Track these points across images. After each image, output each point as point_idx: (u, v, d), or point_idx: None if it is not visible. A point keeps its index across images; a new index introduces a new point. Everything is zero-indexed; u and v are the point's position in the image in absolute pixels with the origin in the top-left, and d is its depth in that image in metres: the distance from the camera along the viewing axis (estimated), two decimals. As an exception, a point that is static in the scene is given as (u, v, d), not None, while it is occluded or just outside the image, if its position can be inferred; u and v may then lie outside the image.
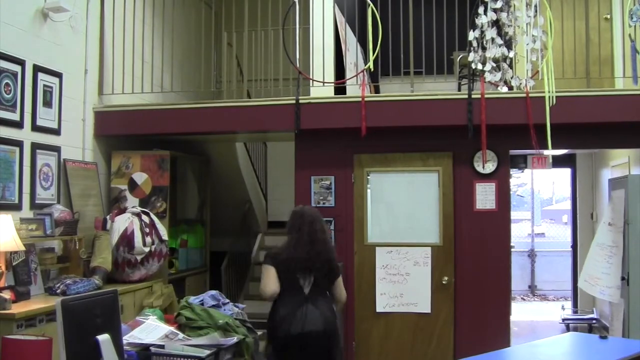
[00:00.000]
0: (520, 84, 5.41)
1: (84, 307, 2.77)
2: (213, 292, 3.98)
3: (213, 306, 3.79)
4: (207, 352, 3.20)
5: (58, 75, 5.54)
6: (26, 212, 5.07)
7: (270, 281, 4.22)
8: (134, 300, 5.38)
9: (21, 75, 5.07)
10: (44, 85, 5.36)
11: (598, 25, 5.95)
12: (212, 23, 6.78)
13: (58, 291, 4.83)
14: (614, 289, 5.69)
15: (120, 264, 5.49)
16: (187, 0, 7.06)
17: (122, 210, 5.79)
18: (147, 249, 5.57)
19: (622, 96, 5.48)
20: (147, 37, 6.44)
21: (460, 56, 6.57)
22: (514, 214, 7.65)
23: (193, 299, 3.84)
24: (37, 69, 5.25)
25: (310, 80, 6.10)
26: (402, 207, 6.17)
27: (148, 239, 5.60)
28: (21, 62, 5.07)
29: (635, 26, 5.31)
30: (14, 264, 4.67)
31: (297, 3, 5.95)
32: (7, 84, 4.91)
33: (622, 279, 5.55)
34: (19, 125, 5.05)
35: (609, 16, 6.92)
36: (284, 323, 4.12)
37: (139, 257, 5.53)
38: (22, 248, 4.61)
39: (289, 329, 4.10)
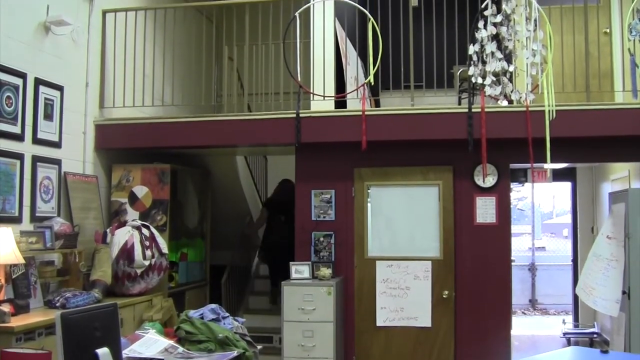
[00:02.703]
0: (520, 97, 5.42)
1: (84, 320, 2.76)
2: (213, 305, 3.98)
3: (213, 320, 3.79)
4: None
5: (59, 88, 5.56)
6: (26, 225, 5.06)
7: (262, 216, 7.91)
8: (133, 313, 5.36)
9: (22, 88, 5.08)
10: (45, 98, 5.38)
11: (597, 39, 5.97)
12: (213, 37, 6.82)
13: (57, 304, 4.82)
14: (612, 302, 5.66)
15: (120, 277, 5.48)
16: (188, 14, 7.10)
17: (122, 224, 5.78)
18: (147, 263, 5.56)
19: (621, 110, 5.49)
20: (148, 50, 6.47)
21: (461, 70, 6.59)
22: (514, 228, 7.64)
23: (193, 313, 3.83)
24: (38, 82, 5.27)
25: (311, 94, 6.12)
26: (402, 221, 6.17)
27: (148, 252, 5.59)
28: (22, 75, 5.09)
29: (634, 40, 5.34)
30: (13, 277, 4.65)
31: (297, 17, 5.98)
32: (8, 97, 4.93)
33: (623, 292, 5.54)
34: (19, 138, 5.06)
35: (608, 30, 6.95)
36: (269, 234, 7.81)
37: (138, 271, 5.52)
38: (22, 261, 4.60)
39: (271, 238, 7.74)
